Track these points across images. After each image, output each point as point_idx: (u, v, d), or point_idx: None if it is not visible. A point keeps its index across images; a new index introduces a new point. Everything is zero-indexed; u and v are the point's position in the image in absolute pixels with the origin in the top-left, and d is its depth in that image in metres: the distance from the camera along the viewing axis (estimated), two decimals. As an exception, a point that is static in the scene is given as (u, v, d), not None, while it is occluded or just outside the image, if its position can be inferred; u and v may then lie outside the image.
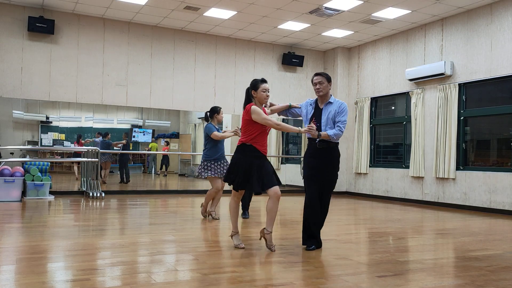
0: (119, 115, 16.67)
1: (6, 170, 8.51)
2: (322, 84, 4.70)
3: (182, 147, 17.98)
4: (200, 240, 5.19)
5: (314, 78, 4.76)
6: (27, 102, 13.69)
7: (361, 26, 10.33)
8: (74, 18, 10.06)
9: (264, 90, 4.58)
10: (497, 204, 8.50)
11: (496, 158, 9.16)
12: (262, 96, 4.59)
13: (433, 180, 9.74)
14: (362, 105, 11.67)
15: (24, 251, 4.31)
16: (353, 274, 3.77)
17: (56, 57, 9.94)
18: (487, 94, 9.17)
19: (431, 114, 9.86)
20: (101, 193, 9.22)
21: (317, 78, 4.73)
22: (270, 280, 3.51)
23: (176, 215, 7.54)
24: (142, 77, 10.72)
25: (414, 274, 3.83)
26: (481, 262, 4.35)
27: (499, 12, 8.67)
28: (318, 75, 4.75)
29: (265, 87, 4.60)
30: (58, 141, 15.15)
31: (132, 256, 4.28)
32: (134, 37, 10.63)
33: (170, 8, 9.48)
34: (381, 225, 6.92)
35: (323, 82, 4.70)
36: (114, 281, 3.42)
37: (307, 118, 4.79)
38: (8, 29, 9.54)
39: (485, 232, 6.42)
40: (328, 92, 4.76)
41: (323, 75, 4.74)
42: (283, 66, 12.16)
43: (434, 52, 9.90)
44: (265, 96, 4.59)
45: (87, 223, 6.39)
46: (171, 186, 13.99)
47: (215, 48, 11.46)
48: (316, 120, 4.68)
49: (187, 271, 3.78)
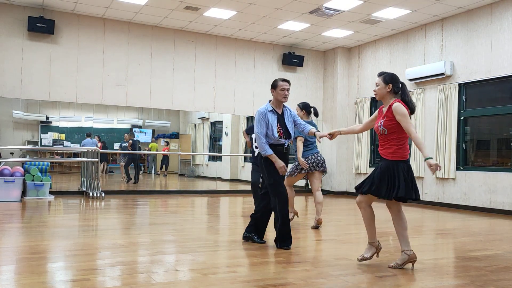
0: (119, 115, 16.69)
1: (6, 170, 8.51)
2: (289, 91, 4.83)
3: (182, 147, 17.99)
4: (200, 240, 5.18)
5: (283, 84, 4.79)
6: (27, 102, 13.70)
7: (361, 26, 10.33)
8: (74, 18, 10.06)
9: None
10: (497, 204, 8.50)
11: (496, 158, 9.16)
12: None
13: (433, 180, 9.74)
14: (362, 105, 11.67)
15: (24, 251, 4.31)
16: (353, 274, 3.77)
17: (56, 57, 9.93)
18: (487, 94, 9.17)
19: (431, 114, 9.86)
20: (101, 193, 9.22)
21: (287, 84, 4.81)
22: (270, 280, 3.51)
23: (176, 215, 7.54)
24: (142, 77, 10.72)
25: (414, 274, 3.83)
26: (481, 262, 4.35)
27: (499, 12, 8.67)
28: (288, 82, 4.83)
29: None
30: (58, 141, 15.16)
31: (132, 256, 4.28)
32: (134, 37, 10.62)
33: (170, 8, 9.48)
34: (381, 225, 6.91)
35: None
36: (114, 281, 3.42)
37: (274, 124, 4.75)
38: (8, 29, 9.54)
39: (485, 232, 6.41)
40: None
41: (289, 83, 4.86)
42: (283, 66, 12.16)
43: (434, 52, 9.90)
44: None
45: (87, 223, 6.39)
46: (171, 186, 13.99)
47: (215, 48, 11.46)
48: (282, 127, 4.77)
49: (187, 271, 3.78)
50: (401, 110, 3.84)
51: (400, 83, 4.03)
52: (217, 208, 9.16)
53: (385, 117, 3.93)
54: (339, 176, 12.11)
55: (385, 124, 3.92)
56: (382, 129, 3.94)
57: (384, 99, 4.02)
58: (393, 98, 3.98)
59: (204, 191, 12.59)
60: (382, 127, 3.93)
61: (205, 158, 17.41)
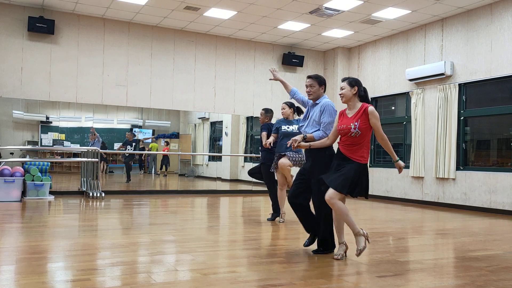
0: (119, 115, 16.69)
1: (6, 170, 8.51)
2: (313, 87, 4.73)
3: (182, 147, 17.98)
4: (200, 240, 5.18)
5: (306, 81, 4.82)
6: (27, 102, 13.69)
7: (361, 26, 10.33)
8: (74, 18, 10.06)
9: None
10: (497, 204, 8.50)
11: (496, 158, 9.16)
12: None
13: (433, 180, 9.73)
14: (362, 105, 11.66)
15: (24, 251, 4.31)
16: (353, 274, 3.77)
17: (56, 57, 9.93)
18: (487, 94, 9.17)
19: (431, 114, 9.86)
20: (101, 193, 9.22)
21: (309, 81, 4.80)
22: (270, 280, 3.51)
23: (176, 215, 7.54)
24: (142, 77, 10.72)
25: (414, 274, 3.83)
26: (481, 262, 4.35)
27: (499, 12, 8.67)
28: (309, 78, 4.81)
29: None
30: (58, 141, 15.16)
31: (132, 256, 4.28)
32: (134, 37, 10.62)
33: (170, 8, 9.48)
34: (381, 225, 6.92)
35: (314, 85, 4.74)
36: (114, 281, 3.42)
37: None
38: (8, 29, 9.54)
39: (485, 232, 6.41)
40: (320, 95, 4.74)
41: (313, 78, 4.77)
42: (283, 66, 12.16)
43: (434, 52, 9.90)
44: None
45: (87, 223, 6.39)
46: (171, 186, 13.99)
47: (215, 48, 11.46)
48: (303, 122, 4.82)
49: (187, 271, 3.78)
50: (377, 115, 4.16)
51: (363, 88, 4.28)
52: (217, 208, 9.15)
53: (359, 120, 4.13)
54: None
55: (360, 126, 4.11)
56: (356, 131, 4.11)
57: (351, 102, 4.24)
58: (359, 102, 4.24)
59: (204, 191, 12.59)
60: (357, 129, 4.11)
61: (205, 158, 17.40)
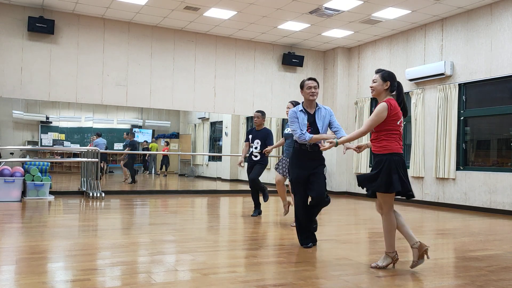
0: (119, 115, 16.71)
1: (6, 170, 8.51)
2: (316, 89, 4.78)
3: (182, 147, 17.99)
4: (200, 240, 5.18)
5: (308, 82, 4.78)
6: (27, 102, 13.71)
7: (361, 26, 10.33)
8: (74, 18, 10.06)
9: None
10: (497, 204, 8.50)
11: (496, 158, 9.16)
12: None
13: (433, 180, 9.73)
14: (362, 105, 11.67)
15: (24, 251, 4.31)
16: (353, 274, 3.77)
17: (56, 57, 9.93)
18: (487, 94, 9.17)
19: (431, 114, 9.86)
20: (101, 193, 9.22)
21: (313, 82, 4.78)
22: (270, 280, 3.51)
23: (176, 215, 7.54)
24: (142, 77, 10.71)
25: (414, 274, 3.83)
26: (481, 262, 4.35)
27: (499, 12, 8.67)
28: (313, 80, 4.81)
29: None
30: (58, 141, 15.17)
31: (132, 256, 4.28)
32: (134, 37, 10.62)
33: (170, 8, 9.48)
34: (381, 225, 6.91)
35: (317, 87, 4.79)
36: (114, 281, 3.42)
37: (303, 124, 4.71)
38: (8, 29, 9.54)
39: (485, 232, 6.41)
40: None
41: (317, 81, 4.83)
42: (283, 66, 12.16)
43: (434, 52, 9.90)
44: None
45: (87, 223, 6.39)
46: (171, 186, 13.99)
47: (215, 48, 11.46)
48: (311, 126, 4.71)
49: (187, 271, 3.78)
50: (379, 108, 3.82)
51: (397, 83, 3.99)
52: (217, 208, 9.15)
53: None
54: (339, 176, 12.12)
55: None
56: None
57: (380, 97, 3.96)
58: (388, 97, 3.94)
59: (204, 191, 12.59)
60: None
61: (205, 158, 17.42)
